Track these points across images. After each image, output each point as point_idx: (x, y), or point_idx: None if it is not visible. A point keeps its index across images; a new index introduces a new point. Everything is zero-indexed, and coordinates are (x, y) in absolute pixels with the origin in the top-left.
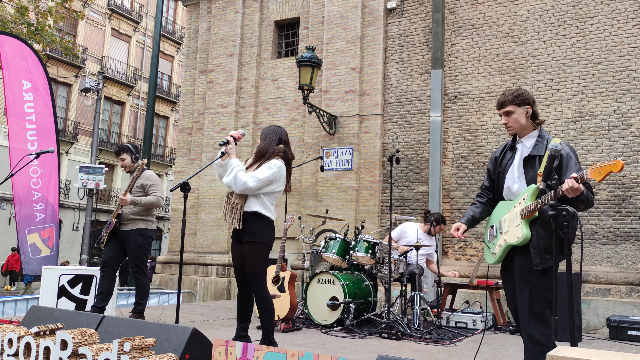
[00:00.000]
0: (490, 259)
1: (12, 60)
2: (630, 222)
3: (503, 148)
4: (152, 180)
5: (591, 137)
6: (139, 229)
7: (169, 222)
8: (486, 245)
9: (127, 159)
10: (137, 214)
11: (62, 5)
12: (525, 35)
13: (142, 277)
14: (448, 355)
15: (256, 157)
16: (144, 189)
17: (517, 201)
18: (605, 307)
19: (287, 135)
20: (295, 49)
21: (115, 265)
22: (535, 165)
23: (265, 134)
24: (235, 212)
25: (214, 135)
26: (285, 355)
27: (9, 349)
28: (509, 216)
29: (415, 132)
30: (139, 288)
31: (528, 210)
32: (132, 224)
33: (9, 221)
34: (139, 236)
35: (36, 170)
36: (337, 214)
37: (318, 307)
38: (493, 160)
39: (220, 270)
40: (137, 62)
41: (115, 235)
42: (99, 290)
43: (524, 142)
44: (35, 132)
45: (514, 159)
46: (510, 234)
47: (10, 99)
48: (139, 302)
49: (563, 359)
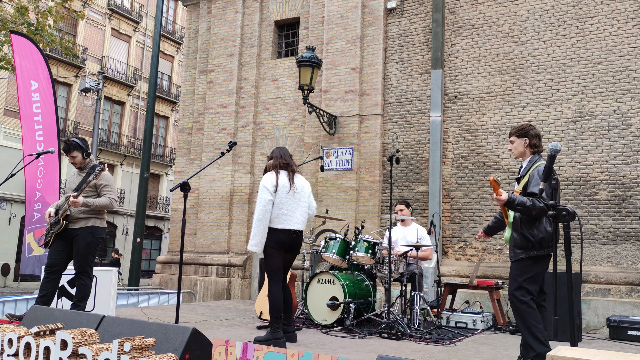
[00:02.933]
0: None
1: (24, 61)
2: (630, 222)
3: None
4: (106, 180)
5: (591, 137)
6: (90, 227)
7: (169, 222)
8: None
9: (78, 156)
10: (88, 212)
11: (62, 5)
12: (525, 35)
13: (85, 279)
14: (448, 355)
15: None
16: (96, 189)
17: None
18: (605, 307)
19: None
20: (295, 49)
21: (63, 267)
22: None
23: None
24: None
25: (214, 135)
26: (285, 355)
27: (9, 349)
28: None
29: (415, 132)
30: (81, 289)
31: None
32: (82, 222)
33: (9, 221)
34: (89, 234)
35: (41, 170)
36: (337, 214)
37: (318, 307)
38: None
39: (220, 270)
40: (137, 62)
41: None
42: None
43: (523, 164)
44: (42, 132)
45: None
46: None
47: (22, 100)
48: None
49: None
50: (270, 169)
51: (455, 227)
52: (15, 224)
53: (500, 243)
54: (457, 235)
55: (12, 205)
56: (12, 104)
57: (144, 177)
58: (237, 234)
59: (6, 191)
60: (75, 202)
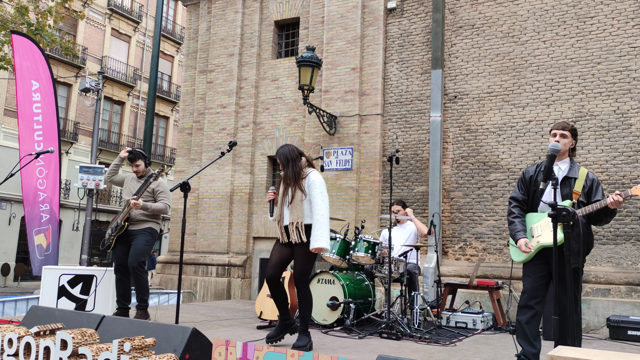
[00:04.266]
0: (519, 257)
1: (25, 61)
2: (630, 222)
3: (536, 168)
4: (163, 187)
5: (591, 137)
6: (149, 228)
7: (169, 222)
8: (512, 246)
9: (141, 164)
10: (148, 215)
11: (62, 5)
12: (525, 35)
13: (142, 274)
14: (448, 355)
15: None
16: (153, 194)
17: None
18: (605, 307)
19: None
20: (295, 49)
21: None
22: (571, 184)
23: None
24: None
25: (214, 135)
26: (285, 356)
27: (9, 349)
28: (542, 223)
29: (415, 132)
30: (141, 284)
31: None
32: (142, 224)
33: (9, 221)
34: (147, 234)
35: (42, 170)
36: (337, 214)
37: (318, 307)
38: (528, 179)
39: (220, 270)
40: (137, 62)
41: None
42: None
43: (559, 165)
44: (42, 132)
45: None
46: (545, 237)
47: (21, 100)
48: (143, 299)
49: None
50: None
51: (455, 227)
52: (15, 224)
53: (500, 243)
54: (457, 235)
55: (12, 205)
56: (12, 104)
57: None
58: (237, 234)
59: (6, 191)
60: (136, 204)
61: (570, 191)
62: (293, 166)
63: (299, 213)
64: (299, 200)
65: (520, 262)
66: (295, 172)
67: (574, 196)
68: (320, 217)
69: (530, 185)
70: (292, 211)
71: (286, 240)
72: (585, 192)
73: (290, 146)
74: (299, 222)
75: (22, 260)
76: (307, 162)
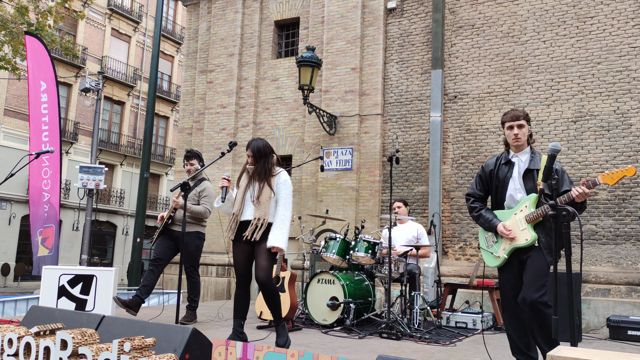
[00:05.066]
0: (493, 262)
1: (35, 62)
2: (630, 222)
3: (496, 161)
4: (207, 192)
5: (591, 137)
6: (196, 232)
7: None
8: (485, 250)
9: (195, 164)
10: (195, 218)
11: (62, 5)
12: (525, 35)
13: (196, 277)
14: (448, 355)
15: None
16: (198, 197)
17: (518, 208)
18: (605, 307)
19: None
20: (295, 49)
21: (167, 262)
22: (534, 176)
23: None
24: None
25: (214, 135)
26: (285, 356)
27: (9, 349)
28: (509, 222)
29: (415, 132)
30: (194, 286)
31: (534, 216)
32: (189, 227)
33: (9, 221)
34: (196, 239)
35: (47, 171)
36: (337, 214)
37: (318, 307)
38: (488, 173)
39: (220, 270)
40: (137, 62)
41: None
42: (144, 282)
43: (519, 157)
44: (48, 133)
45: (512, 172)
46: (517, 238)
47: (32, 101)
48: (194, 300)
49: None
50: (278, 165)
51: (455, 227)
52: (15, 224)
53: None
54: (457, 235)
55: (12, 205)
56: (12, 104)
57: (144, 177)
58: None
59: (6, 191)
60: (176, 202)
61: (534, 184)
62: (265, 162)
63: (265, 210)
64: (266, 198)
65: (495, 266)
66: (267, 168)
67: (538, 189)
68: (284, 218)
69: (491, 180)
70: (258, 207)
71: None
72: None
73: (264, 141)
74: (265, 219)
75: (22, 260)
76: (277, 161)
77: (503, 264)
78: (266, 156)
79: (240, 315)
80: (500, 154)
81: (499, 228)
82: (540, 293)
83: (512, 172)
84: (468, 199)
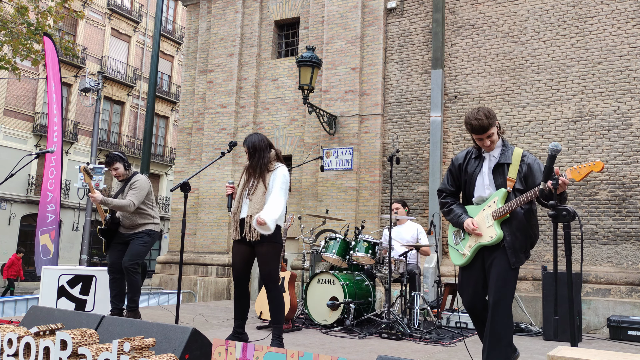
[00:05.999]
0: (459, 260)
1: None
2: (631, 222)
3: (466, 155)
4: (138, 184)
5: (591, 137)
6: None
7: (169, 222)
8: (452, 247)
9: (120, 167)
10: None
11: (62, 5)
12: (525, 35)
13: (135, 275)
14: (448, 355)
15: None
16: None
17: (487, 204)
18: (606, 307)
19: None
20: (295, 48)
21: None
22: (504, 171)
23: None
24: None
25: (213, 135)
26: (285, 356)
27: (8, 349)
28: (477, 218)
29: (415, 132)
30: (134, 285)
31: (500, 212)
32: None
33: (9, 221)
34: (146, 235)
35: (52, 171)
36: (337, 214)
37: (318, 307)
38: (457, 167)
39: (220, 270)
40: (137, 62)
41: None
42: (113, 292)
43: (492, 153)
44: (56, 132)
45: (482, 167)
46: (483, 234)
47: (50, 102)
48: (133, 299)
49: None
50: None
51: None
52: (15, 224)
53: None
54: None
55: (12, 205)
56: (11, 104)
57: None
58: None
59: (6, 191)
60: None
61: (504, 180)
62: (260, 157)
63: (258, 207)
64: (260, 194)
65: (460, 265)
66: (262, 163)
67: (509, 184)
68: (274, 199)
69: (461, 174)
70: (251, 204)
71: (239, 237)
72: (521, 178)
73: (260, 135)
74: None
75: (22, 260)
76: (276, 156)
77: (470, 262)
78: (262, 150)
79: (240, 316)
80: (472, 147)
81: (466, 224)
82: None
83: (482, 167)
84: (440, 194)
